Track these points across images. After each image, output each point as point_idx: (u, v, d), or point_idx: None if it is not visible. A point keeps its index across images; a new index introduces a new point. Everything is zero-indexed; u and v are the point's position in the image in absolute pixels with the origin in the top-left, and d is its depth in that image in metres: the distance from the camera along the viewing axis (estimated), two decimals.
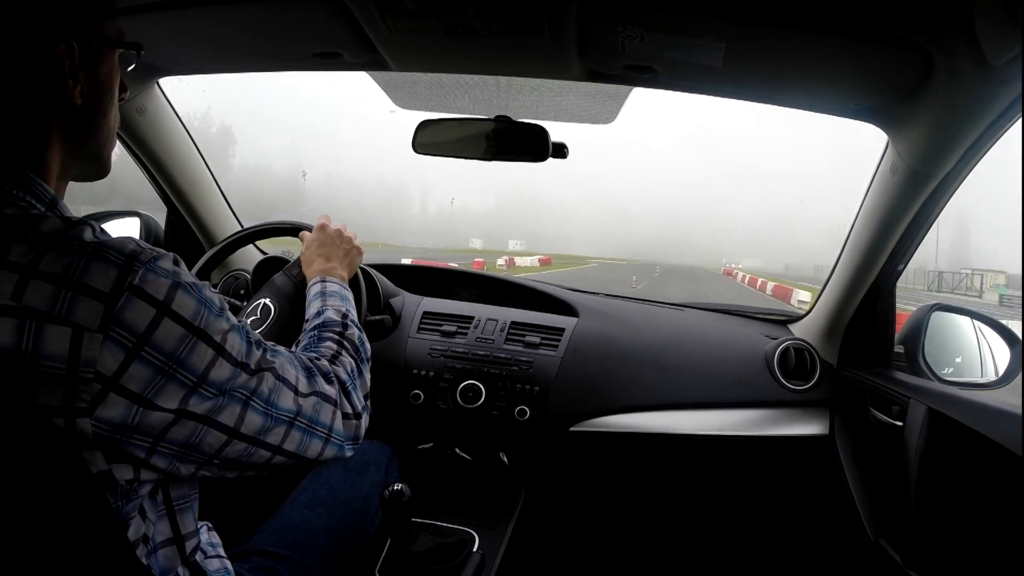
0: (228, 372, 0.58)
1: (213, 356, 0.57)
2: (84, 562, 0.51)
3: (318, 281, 0.99)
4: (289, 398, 0.65)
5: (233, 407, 0.59)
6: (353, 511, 1.03)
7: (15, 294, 0.49)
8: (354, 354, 0.83)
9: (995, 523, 0.98)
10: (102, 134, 0.67)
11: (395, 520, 1.13)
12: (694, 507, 1.63)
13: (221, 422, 0.58)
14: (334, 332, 0.85)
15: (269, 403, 0.63)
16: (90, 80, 0.62)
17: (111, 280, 0.51)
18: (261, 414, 0.62)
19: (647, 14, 0.87)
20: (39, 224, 0.53)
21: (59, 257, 0.50)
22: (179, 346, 0.54)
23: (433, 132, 1.30)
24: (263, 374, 0.63)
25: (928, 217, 1.13)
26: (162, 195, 1.54)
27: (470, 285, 1.80)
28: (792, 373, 1.47)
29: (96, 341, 0.49)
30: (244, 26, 1.05)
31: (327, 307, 0.91)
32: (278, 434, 0.64)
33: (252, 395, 0.61)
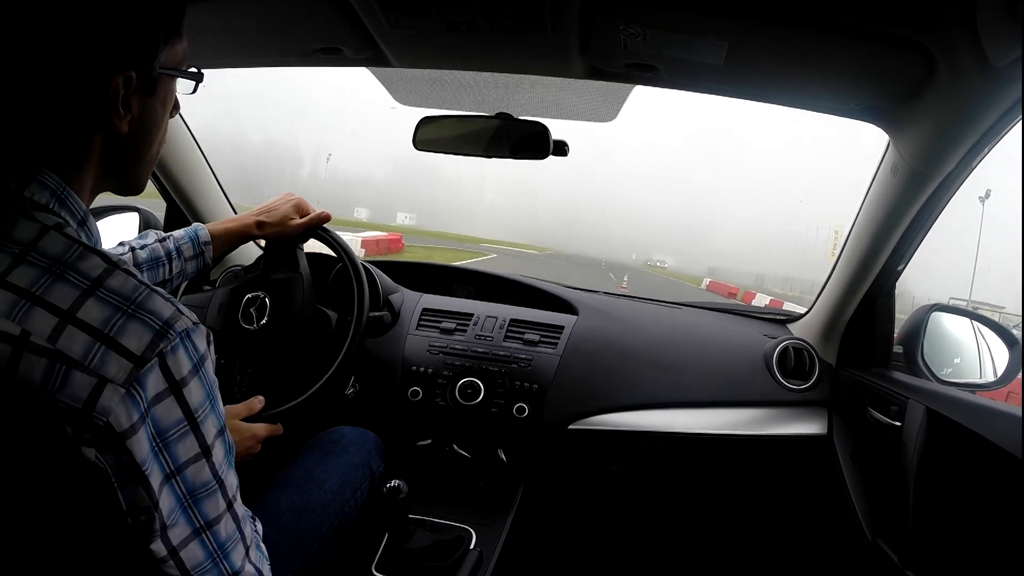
0: (205, 479, 0.57)
1: (197, 454, 0.56)
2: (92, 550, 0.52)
3: None
4: (239, 556, 0.62)
5: (183, 526, 0.57)
6: (326, 490, 1.02)
7: (51, 337, 0.49)
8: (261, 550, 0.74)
9: (993, 523, 0.98)
10: (143, 162, 0.65)
11: (392, 517, 1.13)
12: (692, 506, 1.63)
13: (169, 536, 0.56)
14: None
15: (221, 548, 0.60)
16: (142, 109, 0.61)
17: (144, 344, 0.51)
18: (206, 552, 0.59)
19: (649, 12, 0.86)
20: (81, 264, 0.53)
21: (100, 307, 0.51)
22: (172, 428, 0.54)
23: (434, 129, 1.30)
24: (227, 515, 0.60)
25: (928, 218, 1.14)
26: (161, 190, 1.54)
27: (469, 282, 1.80)
28: (791, 373, 1.47)
29: (117, 393, 0.50)
30: (244, 21, 1.05)
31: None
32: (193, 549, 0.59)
33: (207, 528, 0.58)
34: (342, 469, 1.08)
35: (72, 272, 0.52)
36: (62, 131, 0.57)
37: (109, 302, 0.51)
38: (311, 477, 1.04)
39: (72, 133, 0.58)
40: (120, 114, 0.58)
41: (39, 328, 0.49)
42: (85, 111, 0.57)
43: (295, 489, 1.01)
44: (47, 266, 0.51)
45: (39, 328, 0.49)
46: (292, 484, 1.02)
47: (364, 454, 1.14)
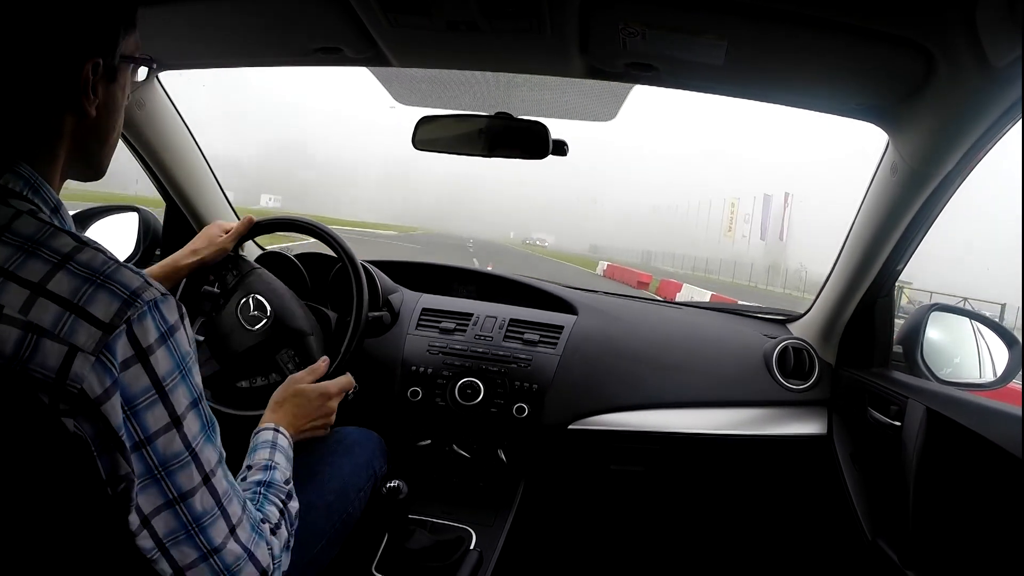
0: (176, 450, 0.57)
1: (167, 424, 0.56)
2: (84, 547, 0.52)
3: (271, 429, 0.90)
4: (220, 532, 0.61)
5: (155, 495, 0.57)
6: (329, 491, 1.02)
7: (23, 308, 0.52)
8: (289, 528, 0.77)
9: (992, 523, 0.98)
10: (109, 145, 0.69)
11: (392, 517, 1.13)
12: (692, 506, 1.63)
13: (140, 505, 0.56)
14: (279, 499, 0.78)
15: (196, 520, 0.59)
16: (106, 94, 0.64)
17: (112, 312, 0.53)
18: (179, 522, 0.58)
19: (649, 11, 0.87)
20: (52, 242, 0.55)
21: (69, 279, 0.53)
22: (139, 396, 0.55)
23: (433, 128, 1.30)
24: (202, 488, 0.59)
25: (928, 217, 1.14)
26: (160, 190, 1.54)
27: (469, 282, 1.80)
28: (791, 372, 1.47)
29: (88, 362, 0.52)
30: (244, 21, 1.05)
31: (276, 464, 0.84)
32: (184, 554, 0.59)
33: (181, 500, 0.58)
34: (346, 470, 1.07)
35: (44, 249, 0.54)
36: (36, 120, 0.60)
37: (78, 274, 0.54)
38: (314, 477, 1.03)
39: (46, 121, 0.61)
40: (90, 99, 0.61)
41: (12, 301, 0.52)
42: (59, 99, 0.60)
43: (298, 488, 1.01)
44: (20, 244, 0.54)
45: (12, 301, 0.52)
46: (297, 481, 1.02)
47: (368, 454, 1.14)
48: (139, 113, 1.34)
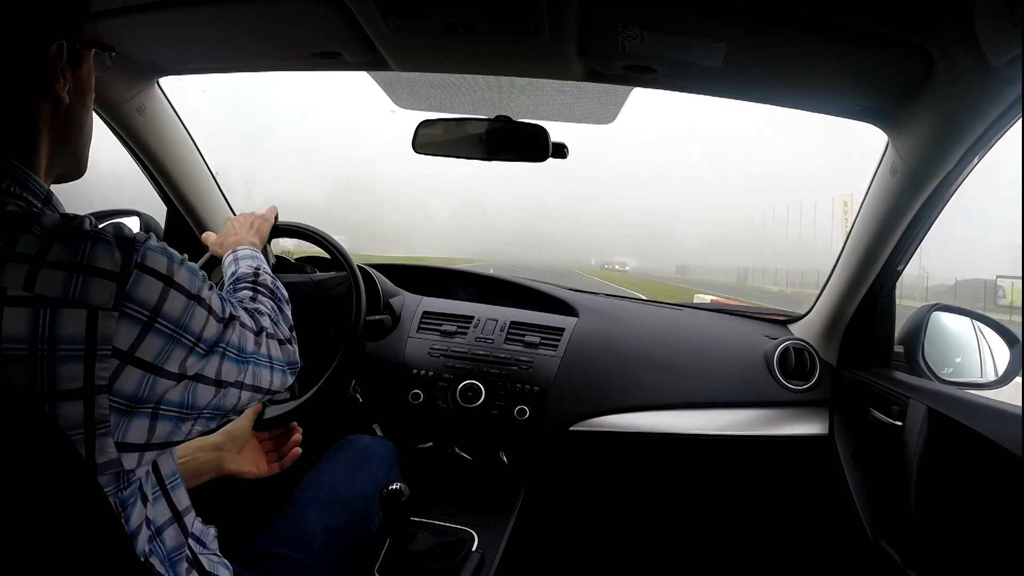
0: (215, 329, 0.63)
1: (206, 317, 0.61)
2: (84, 557, 0.51)
3: (229, 253, 1.04)
4: (250, 340, 0.70)
5: (215, 360, 0.63)
6: (354, 510, 1.03)
7: (27, 284, 0.50)
8: (269, 295, 0.88)
9: (994, 523, 0.98)
10: (84, 133, 0.69)
11: (394, 519, 1.13)
12: (694, 507, 1.63)
13: (208, 376, 0.62)
14: (247, 283, 0.90)
15: (240, 350, 0.68)
16: (74, 79, 0.65)
17: (118, 261, 0.54)
18: (235, 361, 0.67)
19: (647, 14, 0.87)
20: (40, 219, 0.55)
21: (65, 246, 0.52)
22: (184, 313, 0.58)
23: (433, 132, 1.30)
24: (234, 324, 0.67)
25: (928, 217, 1.14)
26: (162, 194, 1.54)
27: (470, 285, 1.80)
28: (792, 373, 1.47)
29: (111, 319, 0.52)
30: (244, 25, 1.05)
31: (240, 267, 0.97)
32: (247, 374, 0.69)
33: (228, 346, 0.65)
34: (367, 485, 1.08)
35: (34, 225, 0.54)
36: (11, 109, 0.60)
37: (72, 239, 0.53)
38: (339, 494, 1.04)
39: (21, 109, 0.61)
40: (60, 82, 0.62)
41: (13, 281, 0.50)
42: (29, 83, 0.60)
43: (325, 508, 1.01)
44: (10, 227, 0.53)
45: (13, 281, 0.50)
46: (321, 502, 1.02)
47: (386, 468, 1.15)
48: (139, 118, 1.34)
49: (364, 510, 1.05)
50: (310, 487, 1.05)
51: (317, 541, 0.95)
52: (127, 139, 1.38)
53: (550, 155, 1.24)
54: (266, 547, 0.91)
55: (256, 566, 0.87)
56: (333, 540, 0.97)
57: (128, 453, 0.56)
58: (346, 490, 1.05)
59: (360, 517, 1.03)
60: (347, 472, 1.09)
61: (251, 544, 0.92)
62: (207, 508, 0.82)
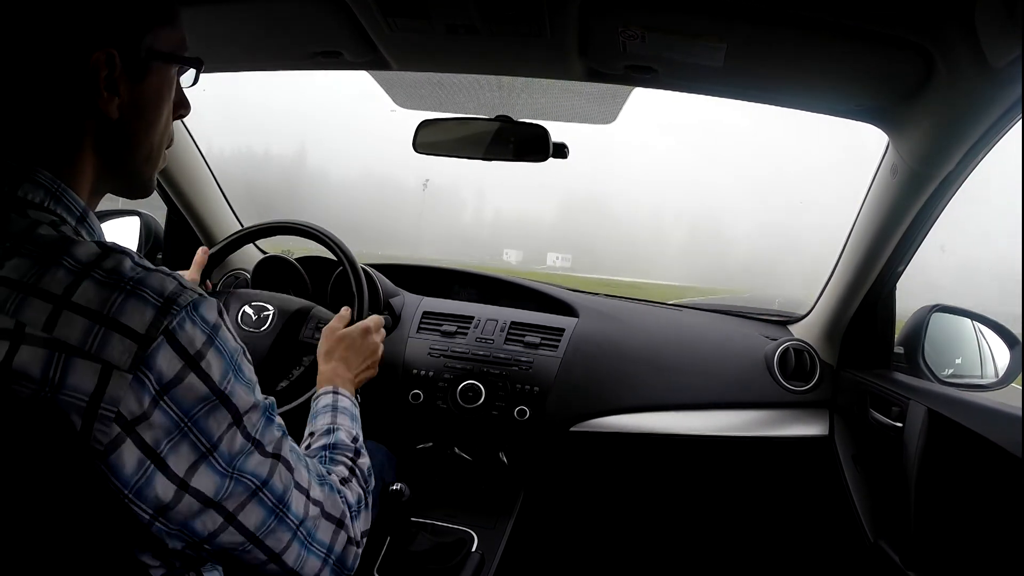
0: (239, 445, 0.55)
1: (229, 424, 0.54)
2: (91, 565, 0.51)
3: (330, 392, 0.91)
4: (300, 503, 0.60)
5: (238, 493, 0.55)
6: None
7: (47, 325, 0.47)
8: (363, 484, 0.76)
9: (994, 524, 0.98)
10: (142, 152, 0.62)
11: (394, 519, 1.13)
12: (694, 508, 1.63)
13: (224, 506, 0.54)
14: (347, 456, 0.78)
15: (282, 503, 0.58)
16: (132, 94, 0.58)
17: (147, 322, 0.49)
18: (269, 511, 0.57)
19: (648, 14, 0.87)
20: (75, 249, 0.50)
21: (96, 289, 0.48)
22: (198, 405, 0.51)
23: (434, 132, 1.30)
24: (276, 465, 0.58)
25: (928, 218, 1.14)
26: (162, 194, 1.54)
27: (470, 285, 1.80)
28: (792, 374, 1.47)
29: (124, 380, 0.47)
30: (243, 25, 1.05)
31: (338, 426, 0.83)
32: (279, 539, 0.58)
33: (263, 487, 0.56)
34: None
35: (66, 258, 0.49)
36: (49, 120, 0.55)
37: (105, 283, 0.49)
38: None
39: (59, 121, 0.56)
40: (105, 97, 0.55)
41: (34, 318, 0.47)
42: (69, 94, 0.55)
43: None
44: (39, 256, 0.49)
45: (34, 318, 0.47)
46: None
47: (377, 468, 1.14)
48: None
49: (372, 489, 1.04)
50: None
51: None
52: None
53: (551, 155, 1.24)
54: None
55: None
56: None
57: None
58: None
59: None
60: None
61: None
62: None
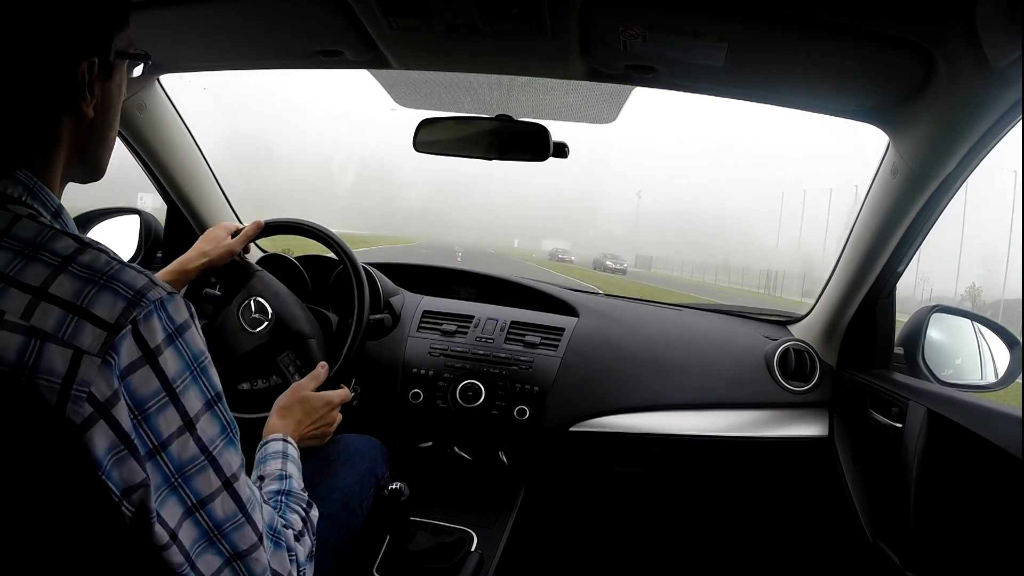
0: (192, 455, 0.55)
1: (180, 427, 0.55)
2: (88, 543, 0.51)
3: (281, 439, 0.92)
4: (246, 539, 0.60)
5: (174, 506, 0.55)
6: (332, 501, 1.01)
7: (24, 313, 0.50)
8: (312, 537, 0.77)
9: (994, 525, 0.98)
10: (107, 144, 0.68)
11: (393, 519, 1.13)
12: (693, 508, 1.63)
13: (163, 517, 0.54)
14: (301, 507, 0.78)
15: (218, 528, 0.58)
16: (103, 92, 0.63)
17: (116, 312, 0.52)
18: (200, 531, 0.57)
19: (649, 13, 0.87)
20: (53, 244, 0.54)
21: (71, 281, 0.52)
22: (149, 400, 0.53)
23: (434, 131, 1.30)
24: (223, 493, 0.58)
25: (929, 219, 1.14)
26: (162, 192, 1.54)
27: (470, 284, 1.80)
28: (792, 374, 1.47)
29: (94, 364, 0.50)
30: (245, 23, 1.05)
31: (290, 474, 0.84)
32: (210, 564, 0.58)
33: (200, 507, 0.56)
34: (347, 480, 1.07)
35: (44, 252, 0.53)
36: (33, 124, 0.59)
37: (81, 276, 0.52)
38: (317, 489, 1.02)
39: (42, 125, 0.59)
40: (87, 99, 0.60)
41: (13, 307, 0.50)
42: (55, 101, 0.59)
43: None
44: (20, 249, 0.52)
45: (13, 307, 0.50)
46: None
47: (370, 463, 1.14)
48: (140, 116, 1.34)
49: (344, 503, 1.03)
50: None
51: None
52: (127, 137, 1.38)
53: (551, 154, 1.24)
54: None
55: None
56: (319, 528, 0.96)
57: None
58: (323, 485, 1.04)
59: (339, 509, 1.01)
60: (327, 467, 1.08)
61: None
62: None
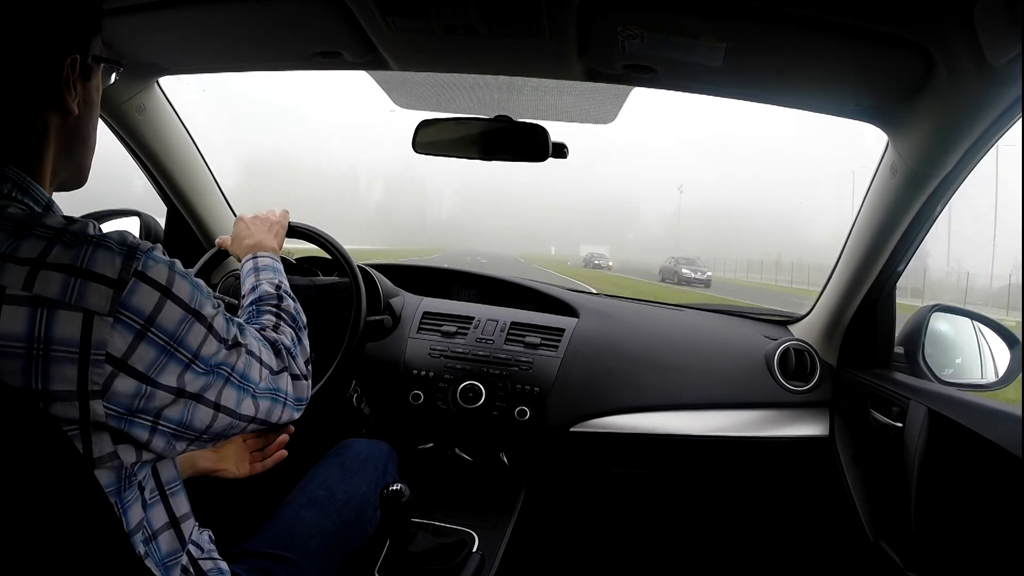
0: (214, 348, 0.63)
1: (205, 334, 0.61)
2: (82, 553, 0.51)
3: (250, 258, 1.02)
4: (256, 371, 0.70)
5: (217, 383, 0.63)
6: (350, 510, 1.02)
7: (26, 284, 0.51)
8: (291, 324, 0.86)
9: (995, 524, 0.98)
10: (89, 145, 0.70)
11: (394, 520, 1.13)
12: (694, 508, 1.62)
13: (208, 398, 0.62)
14: (271, 305, 0.88)
15: (244, 378, 0.68)
16: (84, 92, 0.66)
17: (117, 267, 0.54)
18: (237, 388, 0.66)
19: (647, 13, 0.87)
20: (44, 220, 0.56)
21: (66, 249, 0.53)
22: (179, 326, 0.58)
23: (433, 132, 1.30)
24: (239, 350, 0.67)
25: (928, 218, 1.14)
26: (162, 194, 1.54)
27: (470, 285, 1.80)
28: (792, 374, 1.46)
29: (106, 324, 0.52)
30: (244, 25, 1.05)
31: (261, 281, 0.95)
32: (250, 405, 0.68)
33: (232, 371, 0.65)
34: (362, 489, 1.08)
35: (37, 228, 0.54)
36: (20, 121, 0.61)
37: (74, 243, 0.54)
38: (333, 497, 1.04)
39: (30, 121, 0.61)
40: (72, 95, 0.63)
41: (13, 280, 0.51)
42: (42, 96, 0.61)
43: (320, 509, 1.01)
44: (12, 229, 0.54)
45: (13, 280, 0.51)
46: (316, 503, 1.01)
47: (381, 468, 1.15)
48: (139, 118, 1.34)
49: (360, 511, 1.04)
50: (306, 489, 1.04)
51: (312, 542, 0.95)
52: (127, 139, 1.38)
53: (550, 155, 1.24)
54: (261, 548, 0.91)
55: (251, 566, 0.87)
56: (328, 541, 0.97)
57: (125, 445, 0.56)
58: (341, 492, 1.05)
59: (355, 518, 1.03)
60: (343, 474, 1.09)
61: (246, 545, 0.92)
62: (203, 509, 0.82)
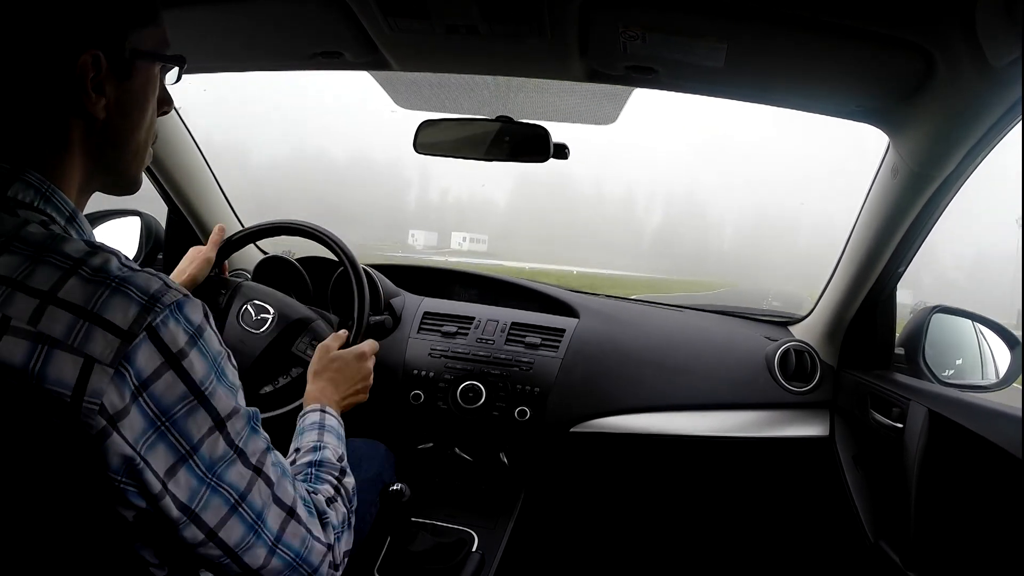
0: (222, 451, 0.55)
1: (211, 428, 0.54)
2: (82, 553, 0.51)
3: (317, 410, 0.91)
4: (278, 519, 0.60)
5: (218, 505, 0.55)
6: None
7: (32, 319, 0.48)
8: (347, 504, 0.76)
9: (995, 525, 0.98)
10: (129, 151, 0.63)
11: (394, 519, 1.13)
12: (694, 508, 1.63)
13: (202, 519, 0.54)
14: (333, 475, 0.78)
15: (259, 517, 0.58)
16: (119, 93, 0.59)
17: (130, 319, 0.49)
18: (246, 525, 0.57)
19: (649, 14, 0.87)
20: (63, 247, 0.51)
21: (81, 285, 0.49)
22: (177, 404, 0.52)
23: (434, 132, 1.30)
24: (256, 479, 0.58)
25: (929, 219, 1.14)
26: (162, 194, 1.54)
27: (471, 285, 1.80)
28: (792, 375, 1.46)
29: (106, 375, 0.48)
30: (244, 25, 1.05)
31: (325, 444, 0.83)
32: (258, 556, 0.58)
33: (242, 500, 0.56)
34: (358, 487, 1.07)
35: (54, 255, 0.50)
36: (36, 122, 0.56)
37: (92, 280, 0.50)
38: None
39: (47, 122, 0.56)
40: (92, 98, 0.56)
41: (20, 312, 0.48)
42: (56, 96, 0.55)
43: None
44: (29, 253, 0.50)
45: (20, 312, 0.48)
46: None
47: (377, 467, 1.14)
48: None
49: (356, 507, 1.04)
50: None
51: None
52: None
53: (551, 156, 1.24)
54: None
55: None
56: None
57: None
58: None
59: None
60: None
61: None
62: None
